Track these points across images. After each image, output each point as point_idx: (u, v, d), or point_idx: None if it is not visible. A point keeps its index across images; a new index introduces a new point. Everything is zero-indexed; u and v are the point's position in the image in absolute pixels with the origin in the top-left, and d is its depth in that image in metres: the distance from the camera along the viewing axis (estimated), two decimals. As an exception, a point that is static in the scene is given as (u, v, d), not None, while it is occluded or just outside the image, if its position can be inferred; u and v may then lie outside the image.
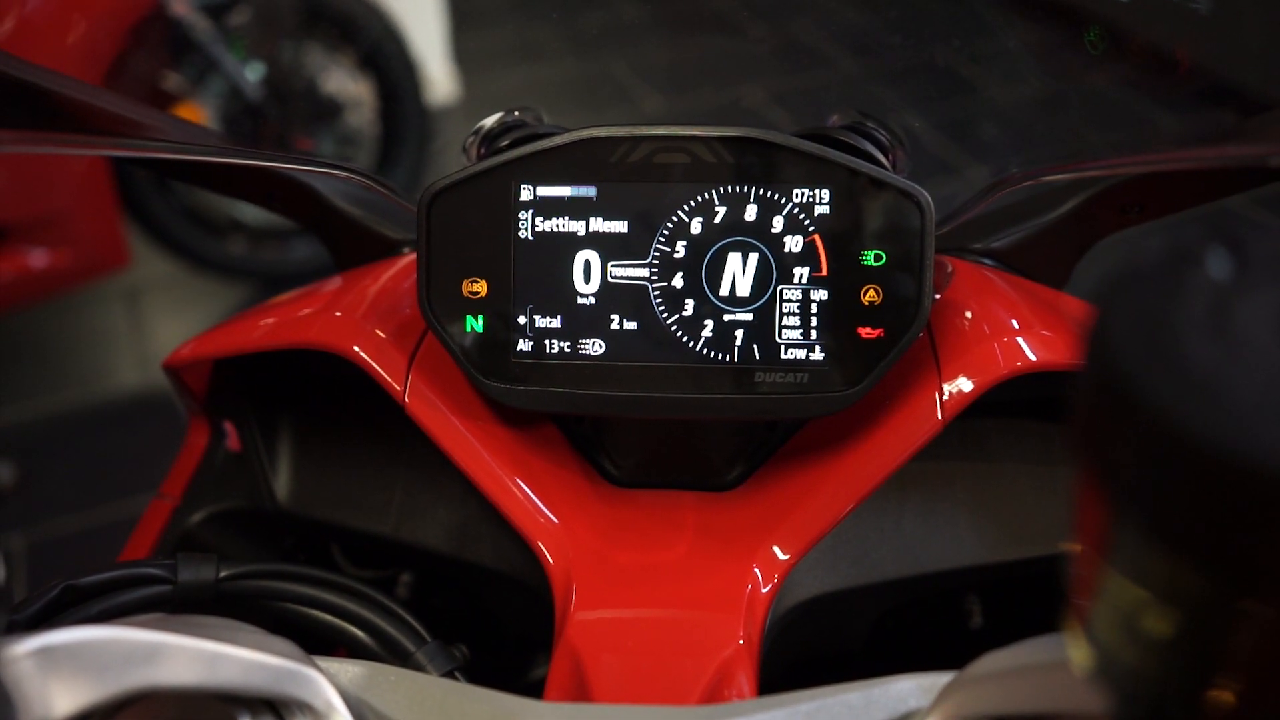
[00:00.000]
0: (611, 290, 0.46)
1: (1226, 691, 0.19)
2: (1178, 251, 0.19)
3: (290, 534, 0.64)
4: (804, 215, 0.45)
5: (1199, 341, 0.17)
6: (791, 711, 0.34)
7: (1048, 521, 0.53)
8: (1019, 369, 0.47)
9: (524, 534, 0.48)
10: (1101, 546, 0.20)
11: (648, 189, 0.46)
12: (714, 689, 0.40)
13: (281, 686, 0.33)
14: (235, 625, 0.35)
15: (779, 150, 0.45)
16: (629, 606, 0.44)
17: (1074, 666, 0.22)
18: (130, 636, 0.30)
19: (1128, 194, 0.58)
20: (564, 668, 0.42)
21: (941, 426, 0.47)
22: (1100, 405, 0.18)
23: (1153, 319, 0.17)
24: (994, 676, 0.31)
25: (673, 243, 0.46)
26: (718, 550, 0.47)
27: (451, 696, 0.36)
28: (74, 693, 0.29)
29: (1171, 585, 0.18)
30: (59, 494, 1.74)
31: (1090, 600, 0.21)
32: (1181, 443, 0.16)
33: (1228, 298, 0.18)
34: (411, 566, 0.63)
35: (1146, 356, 0.17)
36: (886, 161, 0.51)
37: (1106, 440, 0.18)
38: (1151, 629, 0.19)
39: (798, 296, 0.46)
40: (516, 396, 0.47)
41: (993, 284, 0.56)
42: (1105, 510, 0.19)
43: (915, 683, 0.35)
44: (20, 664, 0.28)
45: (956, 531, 0.53)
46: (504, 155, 0.46)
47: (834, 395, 0.45)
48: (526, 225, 0.46)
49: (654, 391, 0.46)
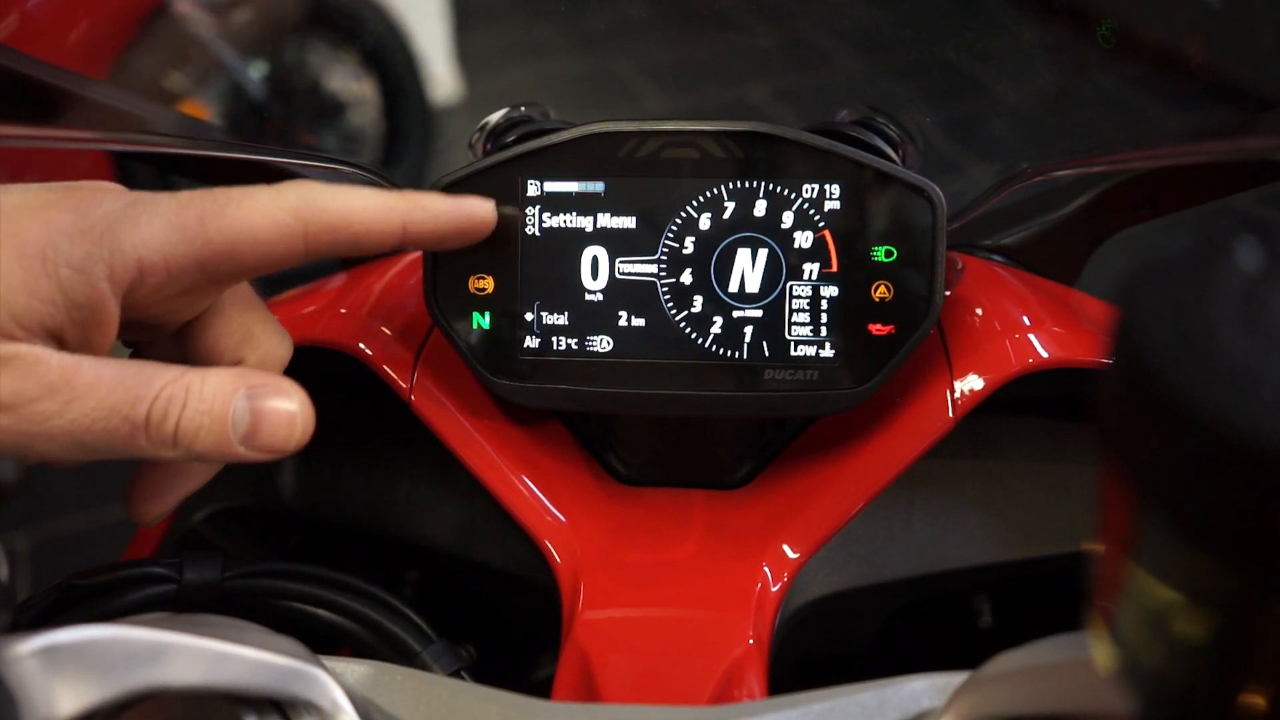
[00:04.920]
0: (619, 286, 0.46)
1: (1257, 695, 0.18)
2: (1207, 242, 0.18)
3: (295, 532, 0.64)
4: (814, 211, 0.45)
5: (1232, 333, 0.16)
6: (804, 712, 0.34)
7: (1059, 520, 0.53)
8: (1031, 366, 0.47)
9: (531, 532, 0.47)
10: (1128, 546, 0.19)
11: (656, 184, 0.45)
12: (724, 689, 0.40)
13: (287, 686, 0.33)
14: (240, 624, 0.35)
15: (789, 145, 0.45)
16: (637, 606, 0.44)
17: (1098, 667, 0.21)
18: (135, 636, 0.30)
19: (1139, 190, 0.58)
20: (572, 667, 0.42)
21: (953, 424, 0.47)
22: (1129, 400, 0.17)
23: (1183, 311, 0.17)
24: (1009, 676, 0.31)
25: (681, 239, 0.45)
26: (727, 549, 0.47)
27: (458, 696, 0.36)
28: (78, 693, 0.29)
29: (1201, 585, 0.18)
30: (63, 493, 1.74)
31: (1115, 601, 0.20)
32: (1214, 436, 0.16)
33: (1260, 289, 0.17)
34: (417, 565, 0.63)
35: (1178, 349, 0.16)
36: (896, 156, 0.50)
37: (1135, 436, 0.17)
38: (1179, 630, 0.19)
39: (808, 293, 0.45)
40: (523, 394, 0.47)
41: (1003, 280, 0.55)
42: (1132, 508, 0.19)
43: (929, 682, 0.35)
44: (24, 663, 0.28)
45: (967, 530, 0.52)
46: (510, 150, 0.46)
47: (844, 392, 0.45)
48: (534, 221, 0.46)
49: (662, 389, 0.46)
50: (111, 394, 0.34)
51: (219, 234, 0.36)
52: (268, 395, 0.36)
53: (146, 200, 0.35)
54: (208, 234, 0.35)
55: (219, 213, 0.36)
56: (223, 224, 0.36)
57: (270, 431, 0.36)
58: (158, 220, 0.35)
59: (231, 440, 0.36)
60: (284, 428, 0.36)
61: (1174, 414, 0.16)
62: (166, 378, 0.35)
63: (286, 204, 0.37)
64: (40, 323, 0.33)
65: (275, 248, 0.37)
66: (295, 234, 0.37)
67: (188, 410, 0.35)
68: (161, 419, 0.35)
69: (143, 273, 0.35)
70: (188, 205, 0.36)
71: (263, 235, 0.36)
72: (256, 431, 0.36)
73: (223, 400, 0.35)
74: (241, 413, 0.36)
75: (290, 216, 0.37)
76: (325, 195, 0.38)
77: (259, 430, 0.36)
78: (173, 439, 0.35)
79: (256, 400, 0.36)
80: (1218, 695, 0.19)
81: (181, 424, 0.35)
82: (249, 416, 0.36)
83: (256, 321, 0.41)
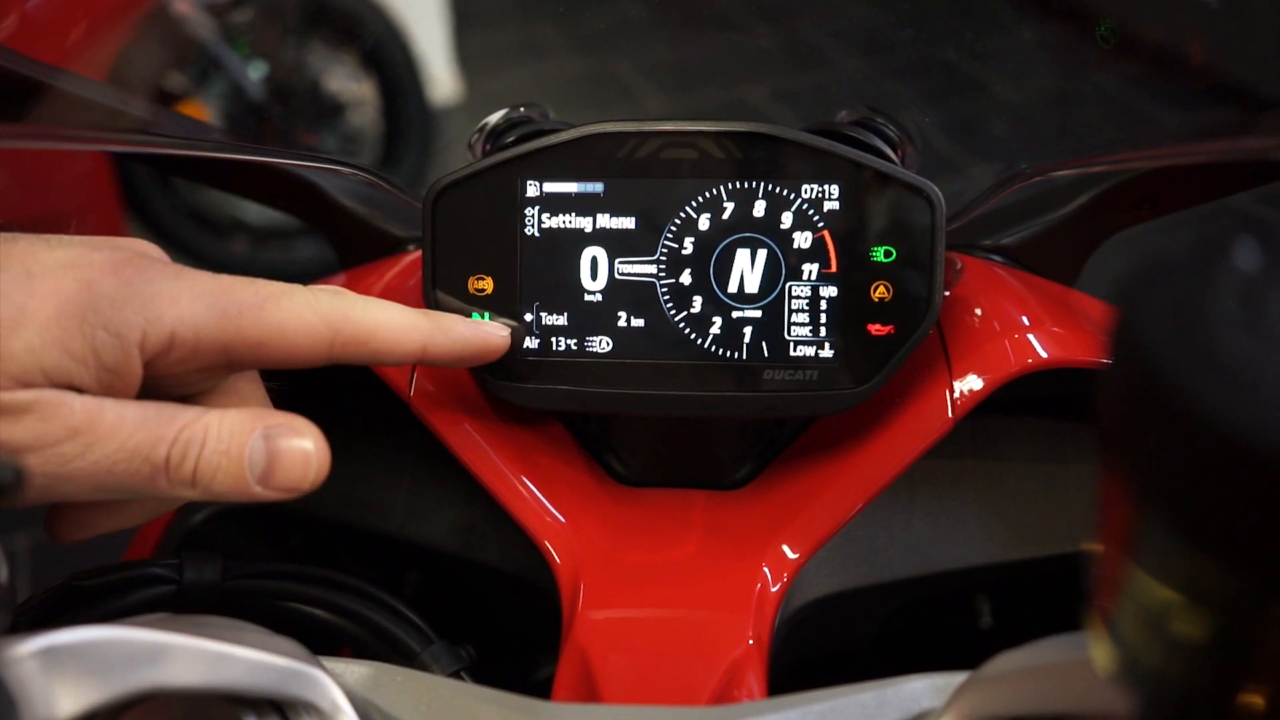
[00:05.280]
0: (619, 287, 0.46)
1: (1257, 696, 0.18)
2: (1206, 243, 0.18)
3: (295, 533, 0.64)
4: (813, 211, 0.45)
5: (1232, 332, 0.16)
6: (804, 712, 0.34)
7: (1059, 521, 0.53)
8: (1030, 366, 0.47)
9: (530, 533, 0.47)
10: (1127, 546, 0.19)
11: (655, 185, 0.45)
12: (724, 689, 0.40)
13: (287, 687, 0.33)
14: (240, 625, 0.35)
15: (788, 145, 0.45)
16: (637, 606, 0.44)
17: (1098, 667, 0.21)
18: (135, 636, 0.30)
19: (1139, 189, 0.58)
20: (572, 668, 0.42)
21: (952, 424, 0.47)
22: (1129, 400, 0.17)
23: (1183, 310, 0.17)
24: (1010, 676, 0.31)
25: (680, 239, 0.45)
26: (727, 549, 0.47)
27: (458, 697, 0.36)
28: (78, 693, 0.29)
29: (1201, 585, 0.18)
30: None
31: (1114, 601, 0.20)
32: (1215, 436, 0.16)
33: (1259, 288, 0.17)
34: (417, 566, 0.63)
35: (1178, 348, 0.16)
36: (895, 157, 0.50)
37: (1135, 436, 0.17)
38: (1179, 630, 0.19)
39: (807, 293, 0.45)
40: (523, 394, 0.47)
41: (1002, 280, 0.55)
42: (1132, 508, 0.19)
43: (929, 682, 0.35)
44: (23, 664, 0.28)
45: (967, 530, 0.52)
46: (510, 151, 0.46)
47: (843, 393, 0.45)
48: (533, 221, 0.46)
49: (661, 389, 0.46)
50: (133, 436, 0.34)
51: (254, 327, 0.37)
52: (284, 435, 0.37)
53: (189, 277, 0.36)
54: (243, 324, 0.37)
55: (258, 306, 0.37)
56: (259, 318, 0.37)
57: (285, 471, 0.37)
58: (200, 302, 0.36)
59: (248, 480, 0.36)
60: (299, 467, 0.37)
61: (1174, 413, 0.16)
62: (185, 419, 0.36)
63: (320, 310, 0.38)
64: (67, 378, 0.34)
65: (302, 349, 0.38)
66: (323, 340, 0.38)
67: (206, 451, 0.35)
68: (180, 460, 0.35)
69: (173, 346, 0.36)
70: (230, 291, 0.37)
71: (293, 336, 0.37)
72: (272, 471, 0.37)
73: (239, 441, 0.36)
74: (258, 453, 0.36)
75: (323, 324, 0.38)
76: (358, 308, 0.39)
77: (275, 470, 0.37)
78: (191, 479, 0.35)
79: (273, 440, 0.37)
80: (1217, 695, 0.19)
81: (200, 465, 0.35)
82: (265, 457, 0.36)
83: (256, 404, 0.42)
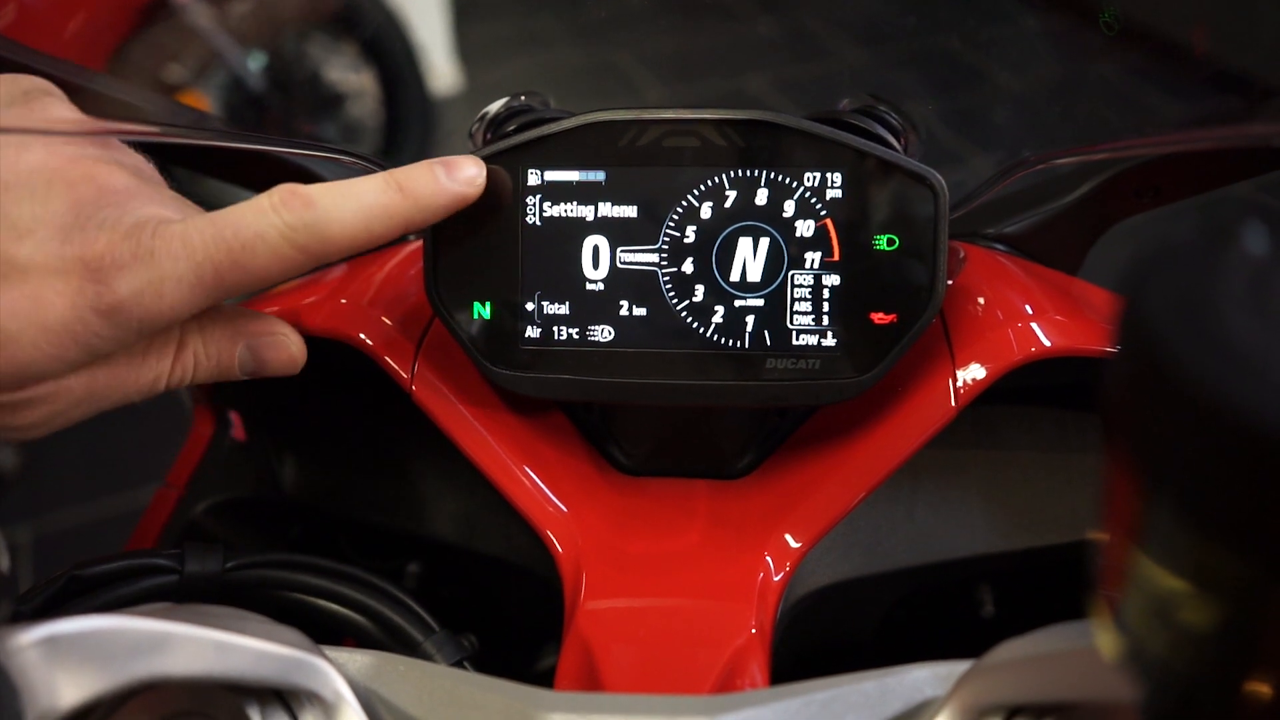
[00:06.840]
0: (620, 276, 0.46)
1: (1263, 684, 0.18)
2: (1214, 228, 0.18)
3: (297, 523, 0.64)
4: (816, 199, 0.45)
5: (1240, 317, 0.16)
6: (807, 700, 0.34)
7: (1062, 509, 0.53)
8: (1033, 354, 0.47)
9: (533, 523, 0.47)
10: (1133, 534, 0.19)
11: (657, 173, 0.45)
12: (726, 678, 0.40)
13: (290, 676, 0.33)
14: (242, 615, 0.35)
15: (790, 133, 0.44)
16: (640, 595, 0.44)
17: (1102, 655, 0.21)
18: (137, 626, 0.30)
19: (1142, 177, 0.57)
20: (574, 657, 0.42)
21: (955, 413, 0.46)
22: (1136, 386, 0.17)
23: (1191, 295, 0.17)
24: (1012, 664, 0.31)
25: (683, 228, 0.45)
26: (729, 539, 0.47)
27: (461, 686, 0.36)
28: (80, 682, 0.29)
29: (1208, 573, 0.18)
30: (65, 484, 1.74)
31: (1120, 589, 0.20)
32: (1223, 421, 0.16)
33: (1267, 273, 0.17)
34: (419, 556, 0.63)
35: (1187, 333, 0.16)
36: (898, 145, 0.50)
37: (1142, 422, 0.17)
38: (1185, 619, 0.19)
39: (809, 282, 0.45)
40: (524, 384, 0.46)
41: (1005, 269, 0.55)
42: (1138, 496, 0.18)
43: (931, 671, 0.35)
44: (26, 654, 0.28)
45: (970, 519, 0.52)
46: (511, 140, 0.46)
47: (846, 382, 0.45)
48: (534, 210, 0.46)
49: (663, 378, 0.46)
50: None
51: (235, 284, 0.39)
52: (265, 347, 0.44)
53: (165, 262, 0.37)
54: (224, 284, 0.38)
55: (233, 266, 0.38)
56: (239, 276, 0.38)
57: (273, 367, 0.45)
58: (183, 288, 0.37)
59: (241, 377, 0.45)
60: (284, 363, 0.44)
61: (1182, 399, 0.16)
62: (163, 369, 0.42)
63: (297, 243, 0.39)
64: (71, 371, 0.38)
65: (282, 278, 0.40)
66: (298, 267, 0.40)
67: (199, 377, 0.43)
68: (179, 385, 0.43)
69: (166, 322, 0.38)
70: (203, 264, 0.38)
71: (278, 277, 0.39)
72: (261, 370, 0.44)
73: (228, 356, 0.44)
74: (246, 360, 0.44)
75: (300, 254, 0.39)
76: (333, 228, 0.40)
77: (263, 370, 0.44)
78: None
79: (257, 352, 0.44)
80: (1223, 684, 0.19)
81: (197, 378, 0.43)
82: (252, 362, 0.44)
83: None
